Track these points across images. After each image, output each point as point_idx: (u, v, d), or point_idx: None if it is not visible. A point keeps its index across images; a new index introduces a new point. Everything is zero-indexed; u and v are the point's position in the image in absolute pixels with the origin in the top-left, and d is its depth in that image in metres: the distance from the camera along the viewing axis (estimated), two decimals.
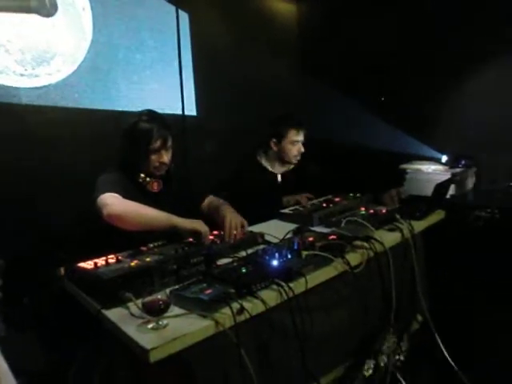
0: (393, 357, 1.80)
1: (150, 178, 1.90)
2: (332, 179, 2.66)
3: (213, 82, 3.35)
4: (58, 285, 1.54)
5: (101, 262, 1.42)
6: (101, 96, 2.77)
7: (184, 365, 1.16)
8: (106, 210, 1.63)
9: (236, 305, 1.20)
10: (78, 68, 2.64)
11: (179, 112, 3.16)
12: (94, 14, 2.69)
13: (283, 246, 1.59)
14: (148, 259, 1.44)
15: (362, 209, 2.11)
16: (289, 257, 1.48)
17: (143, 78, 2.97)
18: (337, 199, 2.30)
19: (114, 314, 1.23)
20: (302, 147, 2.53)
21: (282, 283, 1.32)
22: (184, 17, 3.17)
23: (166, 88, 3.11)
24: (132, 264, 1.39)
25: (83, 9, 2.62)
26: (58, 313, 1.91)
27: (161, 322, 1.14)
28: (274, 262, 1.43)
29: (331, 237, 1.68)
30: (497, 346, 2.13)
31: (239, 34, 3.48)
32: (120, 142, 1.88)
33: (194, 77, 3.27)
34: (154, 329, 1.13)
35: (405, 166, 2.99)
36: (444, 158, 3.00)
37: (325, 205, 2.20)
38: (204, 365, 1.19)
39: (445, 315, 2.21)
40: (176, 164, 2.02)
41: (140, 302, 1.16)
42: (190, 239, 1.65)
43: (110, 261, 1.44)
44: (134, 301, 1.21)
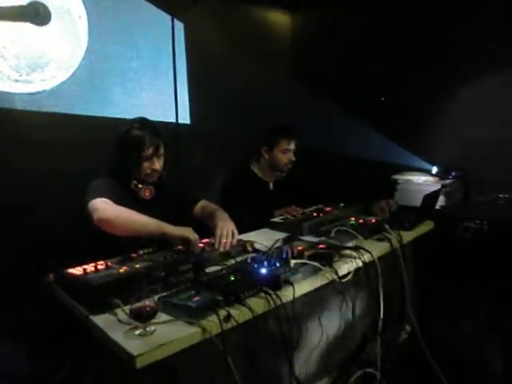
0: (381, 366, 1.80)
1: (142, 185, 1.90)
2: (324, 189, 2.67)
3: (207, 91, 3.39)
4: (48, 291, 1.54)
5: (90, 268, 1.43)
6: (95, 103, 2.79)
7: (171, 371, 1.16)
8: (96, 215, 1.64)
9: (223, 312, 1.20)
10: (73, 75, 2.67)
11: (173, 120, 3.18)
12: (90, 22, 2.71)
13: (272, 254, 1.60)
14: (137, 266, 1.44)
15: (352, 219, 2.13)
16: (277, 265, 1.48)
17: (138, 86, 3.00)
18: (328, 209, 2.31)
19: (101, 319, 1.23)
20: (292, 156, 2.53)
21: (269, 291, 1.33)
22: (179, 26, 3.21)
23: (160, 96, 3.14)
24: (121, 270, 1.40)
25: (79, 17, 2.64)
26: (48, 319, 1.90)
27: (148, 329, 1.15)
28: (263, 270, 1.43)
29: (320, 246, 1.69)
30: (485, 358, 2.14)
31: (234, 43, 3.53)
32: (112, 149, 1.89)
33: (189, 85, 3.31)
34: (141, 335, 1.13)
35: (396, 176, 3.03)
36: (434, 169, 3.03)
37: (315, 214, 2.21)
38: (191, 372, 1.20)
39: (434, 325, 2.23)
40: (168, 171, 2.03)
41: (128, 308, 1.17)
42: (180, 247, 1.65)
43: (100, 267, 1.44)
44: (121, 307, 1.21)
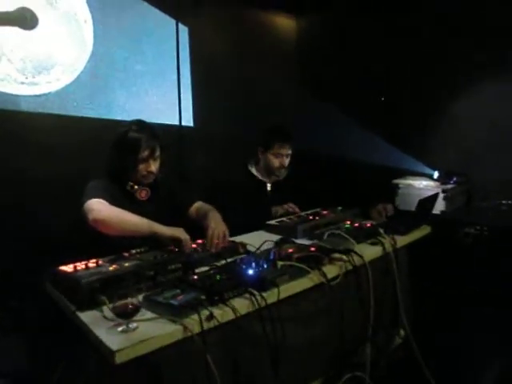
0: (371, 370, 1.80)
1: (138, 186, 1.94)
2: (323, 192, 2.67)
3: (210, 94, 3.42)
4: (41, 288, 1.58)
5: (81, 265, 1.46)
6: (100, 106, 2.84)
7: (152, 368, 1.19)
8: (91, 215, 1.68)
9: (206, 311, 1.23)
10: (78, 77, 2.73)
11: (177, 123, 3.22)
12: (96, 26, 2.77)
13: (261, 255, 1.62)
14: (127, 264, 1.47)
15: (348, 222, 2.12)
16: (264, 266, 1.50)
17: (142, 89, 3.05)
18: (324, 212, 2.31)
19: (87, 316, 1.26)
20: (285, 161, 2.50)
21: (254, 292, 1.34)
22: (183, 30, 3.25)
23: (164, 99, 3.18)
24: (110, 268, 1.42)
25: (85, 21, 2.71)
26: (47, 318, 1.94)
27: (131, 325, 1.17)
28: (250, 271, 1.45)
29: (311, 249, 1.69)
30: (480, 365, 2.12)
31: (237, 48, 3.56)
32: (109, 150, 1.93)
33: (192, 88, 3.34)
34: (123, 331, 1.16)
35: (397, 181, 3.02)
36: (436, 174, 3.01)
37: (311, 217, 2.21)
38: (172, 368, 1.22)
39: (430, 330, 2.21)
40: (165, 173, 2.05)
41: (111, 305, 1.20)
42: (172, 247, 1.68)
43: (90, 265, 1.47)
44: (106, 304, 1.24)
